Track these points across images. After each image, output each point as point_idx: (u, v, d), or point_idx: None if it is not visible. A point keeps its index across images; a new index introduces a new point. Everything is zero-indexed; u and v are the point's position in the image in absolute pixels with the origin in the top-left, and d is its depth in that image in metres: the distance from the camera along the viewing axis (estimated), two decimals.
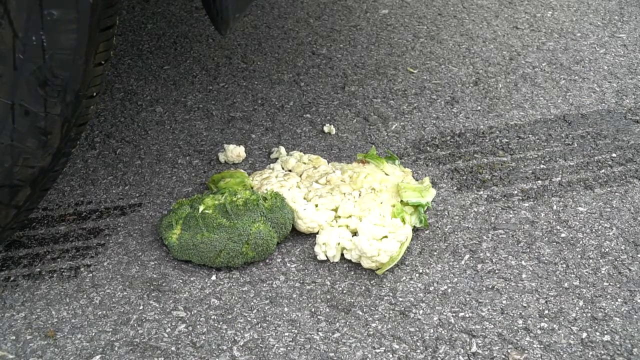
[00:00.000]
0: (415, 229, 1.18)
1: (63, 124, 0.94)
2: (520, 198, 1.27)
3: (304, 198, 1.19)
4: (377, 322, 1.02)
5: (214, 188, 1.25)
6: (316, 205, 1.17)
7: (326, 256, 1.12)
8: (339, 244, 1.12)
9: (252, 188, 1.23)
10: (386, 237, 1.10)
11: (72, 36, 0.88)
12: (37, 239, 1.19)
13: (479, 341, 0.99)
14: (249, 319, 1.03)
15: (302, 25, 1.91)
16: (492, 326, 1.01)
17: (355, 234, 1.14)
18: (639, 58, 1.75)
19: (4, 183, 0.96)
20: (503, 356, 0.96)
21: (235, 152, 1.37)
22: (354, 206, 1.17)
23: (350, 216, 1.16)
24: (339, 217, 1.17)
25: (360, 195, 1.20)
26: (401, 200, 1.18)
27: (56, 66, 0.89)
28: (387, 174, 1.27)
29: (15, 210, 1.00)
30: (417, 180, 1.30)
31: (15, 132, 0.92)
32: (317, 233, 1.16)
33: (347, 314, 1.04)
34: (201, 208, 1.13)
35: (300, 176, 1.27)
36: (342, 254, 1.13)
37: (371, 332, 1.00)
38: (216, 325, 1.02)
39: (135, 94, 1.62)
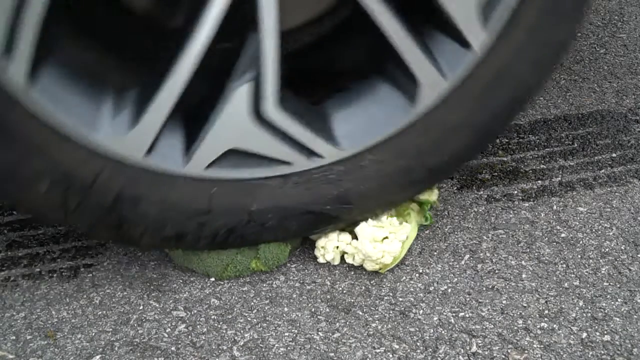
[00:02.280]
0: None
1: None
2: (521, 198, 1.27)
3: None
4: (377, 322, 1.02)
5: None
6: None
7: (325, 259, 1.12)
8: (337, 247, 1.11)
9: None
10: (387, 237, 1.09)
11: None
12: (37, 239, 1.19)
13: (479, 341, 0.99)
14: (249, 319, 1.03)
15: None
16: (492, 326, 1.01)
17: (355, 236, 1.13)
18: (639, 58, 1.75)
19: None
20: (503, 356, 0.96)
21: None
22: None
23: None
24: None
25: None
26: None
27: None
28: None
29: None
30: None
31: None
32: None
33: (347, 314, 1.04)
34: None
35: None
36: (342, 257, 1.13)
37: (371, 332, 1.00)
38: (216, 325, 1.02)
39: None
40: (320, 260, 1.12)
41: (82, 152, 0.88)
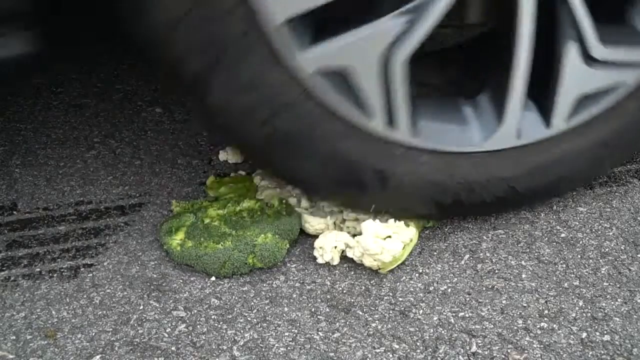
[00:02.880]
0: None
1: None
2: None
3: (310, 200, 1.19)
4: (377, 322, 1.02)
5: (213, 194, 1.24)
6: (323, 207, 1.17)
7: (324, 260, 1.12)
8: (335, 247, 1.11)
9: (256, 189, 1.22)
10: (390, 237, 1.09)
11: None
12: (37, 239, 1.19)
13: (479, 341, 0.99)
14: (249, 318, 1.03)
15: None
16: (492, 326, 1.01)
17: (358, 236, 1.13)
18: None
19: None
20: (503, 356, 0.96)
21: (237, 150, 1.36)
22: None
23: (356, 219, 1.15)
24: (345, 220, 1.16)
25: None
26: None
27: None
28: None
29: None
30: None
31: None
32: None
33: (347, 313, 1.04)
34: (206, 221, 1.12)
35: None
36: (342, 254, 1.13)
37: (371, 332, 1.00)
38: (216, 325, 1.02)
39: (135, 94, 1.62)
40: (319, 260, 1.12)
41: None
